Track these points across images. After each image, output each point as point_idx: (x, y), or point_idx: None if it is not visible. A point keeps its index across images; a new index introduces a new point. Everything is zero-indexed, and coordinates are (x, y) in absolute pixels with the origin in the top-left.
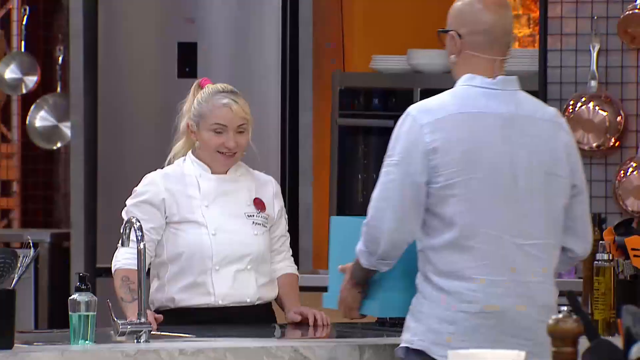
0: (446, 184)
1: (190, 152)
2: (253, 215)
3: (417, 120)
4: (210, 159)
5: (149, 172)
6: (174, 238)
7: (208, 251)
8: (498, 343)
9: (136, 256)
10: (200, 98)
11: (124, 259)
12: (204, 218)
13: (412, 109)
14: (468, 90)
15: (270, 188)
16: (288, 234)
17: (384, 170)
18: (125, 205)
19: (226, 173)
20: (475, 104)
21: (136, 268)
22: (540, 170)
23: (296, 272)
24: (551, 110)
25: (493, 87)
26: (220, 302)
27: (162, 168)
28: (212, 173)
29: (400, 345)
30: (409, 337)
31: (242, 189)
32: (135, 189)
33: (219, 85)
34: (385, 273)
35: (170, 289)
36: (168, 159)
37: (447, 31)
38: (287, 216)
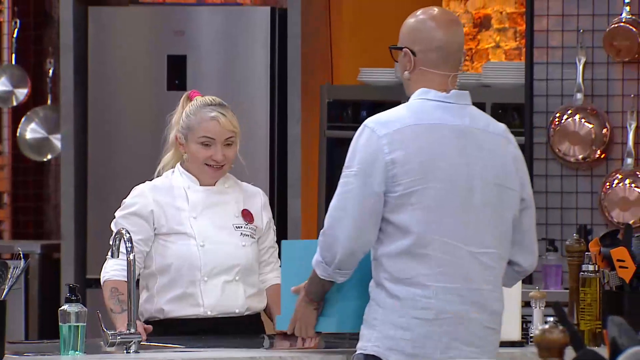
0: (404, 193)
1: (179, 164)
2: (241, 227)
3: (375, 132)
4: (199, 171)
5: (139, 184)
6: (163, 249)
7: (197, 262)
8: (451, 350)
9: (125, 267)
10: (189, 111)
11: (112, 270)
12: (192, 229)
13: (369, 121)
14: (423, 104)
15: (258, 199)
16: (276, 245)
17: (342, 181)
18: (114, 217)
19: (214, 185)
20: (430, 116)
21: (125, 279)
22: (493, 182)
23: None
24: (501, 126)
25: (447, 101)
26: (209, 313)
27: (151, 180)
28: (200, 185)
29: (356, 354)
30: (363, 344)
31: (230, 200)
32: (124, 200)
33: (208, 98)
34: (340, 288)
35: (160, 300)
36: (157, 170)
37: (400, 48)
38: (275, 227)
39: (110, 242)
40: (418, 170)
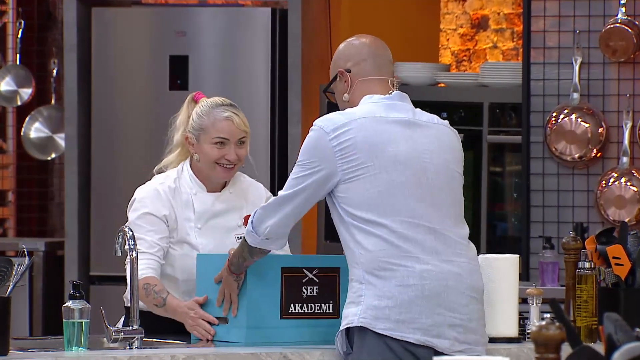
0: (359, 178)
1: (187, 165)
2: (242, 237)
3: (323, 128)
4: (210, 172)
5: (141, 184)
6: (169, 257)
7: (190, 276)
8: (436, 315)
9: (147, 263)
10: (200, 111)
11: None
12: (196, 240)
13: (318, 121)
14: (368, 105)
15: (261, 197)
16: None
17: (291, 176)
18: (128, 218)
19: (220, 191)
20: (375, 113)
21: (151, 274)
22: (444, 166)
23: None
24: (445, 121)
25: (390, 101)
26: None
27: (153, 176)
28: (207, 191)
29: (340, 331)
30: (350, 319)
31: (234, 208)
32: (135, 197)
33: (218, 99)
34: (249, 298)
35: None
36: (157, 168)
37: (334, 78)
38: None
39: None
40: (367, 157)
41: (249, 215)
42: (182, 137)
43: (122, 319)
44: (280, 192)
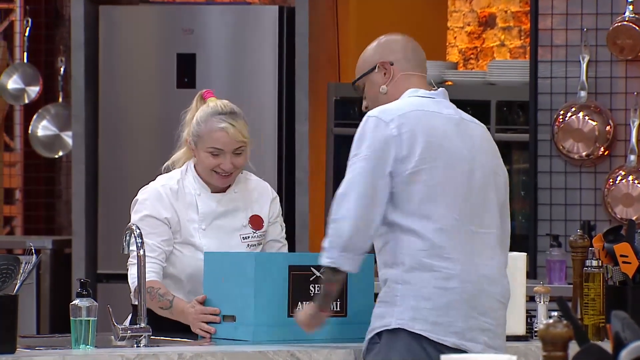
0: (413, 171)
1: (191, 165)
2: (248, 237)
3: (381, 118)
4: (206, 177)
5: (149, 182)
6: (174, 258)
7: (201, 276)
8: (470, 319)
9: (150, 267)
10: (200, 118)
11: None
12: (201, 242)
13: (372, 112)
14: (417, 99)
15: (267, 197)
16: (284, 241)
17: (350, 168)
18: (131, 219)
19: (225, 191)
20: (427, 107)
21: (154, 278)
22: (491, 167)
23: None
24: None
25: (437, 97)
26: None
27: (161, 174)
28: (211, 191)
29: (374, 333)
30: (386, 321)
31: (239, 208)
32: (137, 199)
33: (219, 105)
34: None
35: None
36: (166, 165)
37: (372, 69)
38: (284, 224)
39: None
40: (424, 150)
41: (255, 215)
42: (187, 135)
43: (129, 317)
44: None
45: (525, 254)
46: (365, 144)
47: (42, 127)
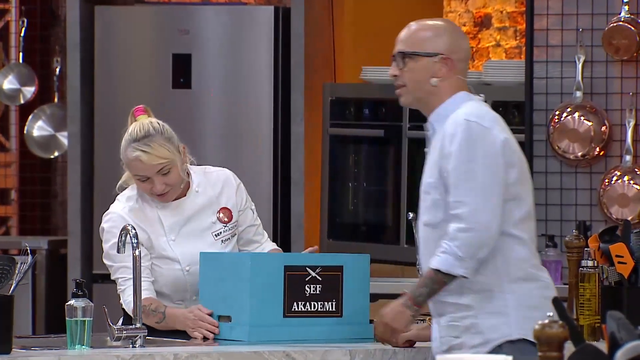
0: (517, 178)
1: None
2: (220, 233)
3: (480, 123)
4: (151, 198)
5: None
6: (154, 274)
7: (184, 285)
8: None
9: (144, 286)
10: (122, 146)
11: (132, 294)
12: (174, 253)
13: (469, 117)
14: (483, 106)
15: (230, 185)
16: (258, 222)
17: (467, 174)
18: (104, 251)
19: (186, 193)
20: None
21: (148, 295)
22: None
23: (280, 250)
24: None
25: (487, 105)
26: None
27: (115, 195)
28: (173, 199)
29: (494, 345)
30: (504, 332)
31: (204, 207)
32: (103, 227)
33: (133, 131)
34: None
35: None
36: (119, 184)
37: (433, 55)
38: (254, 206)
39: (117, 239)
40: (520, 157)
41: (224, 208)
42: None
43: (121, 320)
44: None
45: None
46: (478, 151)
47: (38, 128)
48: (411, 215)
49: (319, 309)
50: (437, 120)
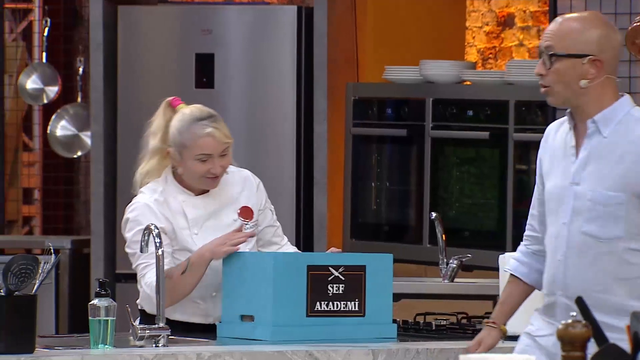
0: None
1: (170, 175)
2: (242, 230)
3: None
4: (196, 183)
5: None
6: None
7: (205, 281)
8: None
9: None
10: (180, 127)
11: (154, 277)
12: (196, 246)
13: None
14: None
15: (251, 185)
16: (278, 224)
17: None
18: (126, 239)
19: (208, 191)
20: None
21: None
22: None
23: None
24: None
25: None
26: (217, 323)
27: (135, 190)
28: (195, 194)
29: None
30: None
31: (226, 204)
32: (128, 217)
33: (196, 111)
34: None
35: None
36: (139, 179)
37: (583, 56)
38: (273, 207)
39: (140, 237)
40: None
41: (244, 207)
42: (160, 144)
43: (138, 320)
44: None
45: None
46: None
47: (61, 127)
48: (434, 215)
49: (342, 309)
50: (604, 122)
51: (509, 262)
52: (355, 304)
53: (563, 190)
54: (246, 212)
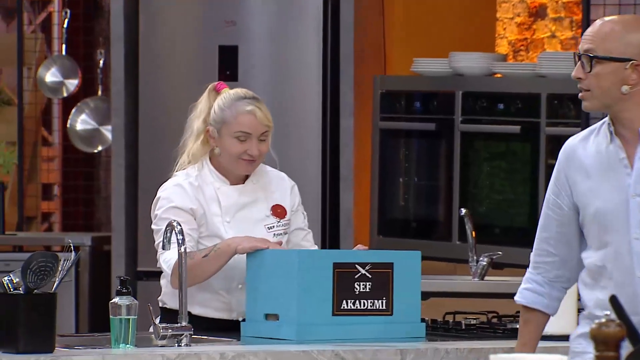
0: None
1: (207, 160)
2: (273, 226)
3: None
4: (231, 165)
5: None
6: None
7: (231, 272)
8: None
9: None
10: (222, 104)
11: (175, 255)
12: (227, 234)
13: None
14: None
15: (286, 186)
16: (308, 229)
17: None
18: (156, 216)
19: (244, 182)
20: None
21: (190, 249)
22: None
23: None
24: None
25: None
26: (240, 319)
27: (175, 171)
28: (230, 184)
29: None
30: None
31: (260, 198)
32: (159, 196)
33: (240, 91)
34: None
35: (190, 298)
36: (183, 160)
37: (624, 60)
38: (305, 212)
39: (162, 234)
40: None
41: (277, 205)
42: (203, 126)
43: (158, 319)
44: None
45: None
46: None
47: (81, 121)
48: (463, 211)
49: (369, 307)
50: None
51: (519, 293)
52: (382, 302)
53: (621, 206)
54: (279, 211)
